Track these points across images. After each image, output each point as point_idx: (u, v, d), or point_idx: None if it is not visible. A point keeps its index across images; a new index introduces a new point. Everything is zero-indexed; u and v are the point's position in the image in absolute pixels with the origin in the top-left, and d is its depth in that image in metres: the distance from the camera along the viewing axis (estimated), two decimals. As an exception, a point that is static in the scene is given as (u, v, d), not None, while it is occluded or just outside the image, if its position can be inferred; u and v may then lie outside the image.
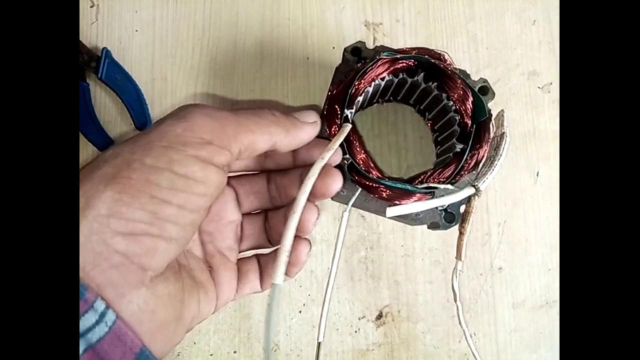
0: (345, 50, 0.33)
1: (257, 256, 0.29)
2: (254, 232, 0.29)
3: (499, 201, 0.39)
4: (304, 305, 0.37)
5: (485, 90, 0.33)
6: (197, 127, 0.21)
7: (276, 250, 0.28)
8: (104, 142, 0.38)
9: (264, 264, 0.29)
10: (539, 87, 0.40)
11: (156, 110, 0.39)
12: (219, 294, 0.26)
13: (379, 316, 0.37)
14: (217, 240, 0.28)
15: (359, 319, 0.37)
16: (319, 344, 0.31)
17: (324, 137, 0.30)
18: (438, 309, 0.37)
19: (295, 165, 0.29)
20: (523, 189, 0.39)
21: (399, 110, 0.39)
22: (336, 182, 0.26)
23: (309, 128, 0.26)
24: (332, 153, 0.27)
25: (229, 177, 0.26)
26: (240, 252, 0.29)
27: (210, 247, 0.27)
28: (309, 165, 0.26)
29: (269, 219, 0.29)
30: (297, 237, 0.27)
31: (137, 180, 0.19)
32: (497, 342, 0.37)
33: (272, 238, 0.29)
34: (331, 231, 0.38)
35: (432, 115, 0.36)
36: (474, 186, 0.29)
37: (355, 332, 0.37)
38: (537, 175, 0.39)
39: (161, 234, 0.20)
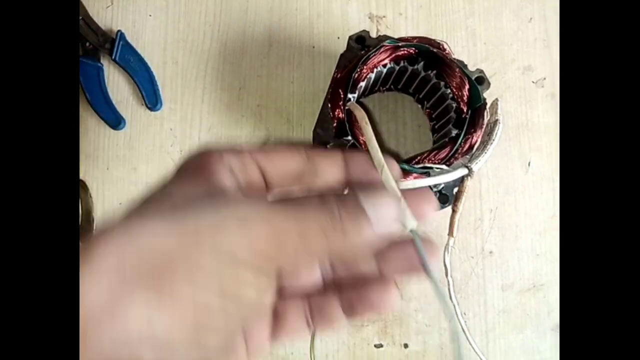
0: (350, 38, 0.35)
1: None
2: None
3: (492, 189, 0.41)
4: (302, 281, 0.39)
5: (481, 80, 0.35)
6: (257, 242, 0.17)
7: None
8: (115, 120, 0.40)
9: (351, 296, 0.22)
10: (533, 82, 0.42)
11: (167, 92, 0.41)
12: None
13: (374, 294, 0.39)
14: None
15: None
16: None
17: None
18: (430, 289, 0.39)
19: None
20: (515, 177, 0.41)
21: (399, 99, 0.41)
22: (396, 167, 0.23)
23: (380, 234, 0.20)
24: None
25: None
26: None
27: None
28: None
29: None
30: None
31: (180, 290, 0.16)
32: (486, 321, 0.39)
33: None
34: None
35: (430, 103, 0.38)
36: (467, 167, 0.30)
37: (351, 308, 0.39)
38: (529, 165, 0.41)
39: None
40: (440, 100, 0.36)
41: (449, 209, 0.33)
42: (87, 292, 0.15)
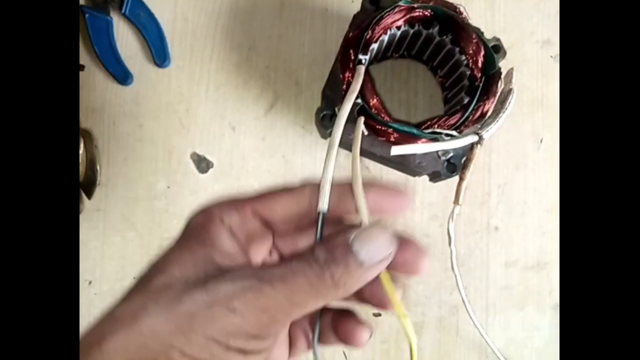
0: (365, -2, 0.34)
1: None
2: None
3: (501, 164, 0.40)
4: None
5: (497, 48, 0.34)
6: (246, 325, 0.19)
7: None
8: (123, 75, 0.39)
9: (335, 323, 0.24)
10: (551, 56, 0.41)
11: (175, 49, 0.40)
12: None
13: (375, 262, 0.39)
14: None
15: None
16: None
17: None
18: (432, 261, 0.39)
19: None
20: (526, 154, 0.40)
21: (412, 68, 0.40)
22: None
23: (374, 271, 0.20)
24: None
25: None
26: None
27: None
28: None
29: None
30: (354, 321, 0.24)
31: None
32: (487, 297, 0.39)
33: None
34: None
35: (443, 72, 0.37)
36: (477, 134, 0.30)
37: (351, 275, 0.38)
38: (541, 141, 0.40)
39: None
40: (454, 67, 0.35)
41: (456, 178, 0.33)
42: None
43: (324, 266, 0.20)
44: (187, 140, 0.39)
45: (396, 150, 0.29)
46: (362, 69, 0.31)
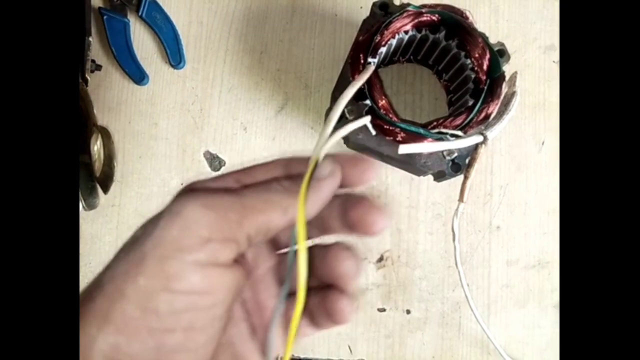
0: (374, 4, 0.35)
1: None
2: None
3: (504, 165, 0.41)
4: (312, 243, 0.40)
5: (502, 52, 0.35)
6: (192, 224, 0.18)
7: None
8: (139, 75, 0.41)
9: (312, 306, 0.22)
10: (554, 62, 0.42)
11: (190, 51, 0.41)
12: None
13: (380, 259, 0.40)
14: (257, 292, 0.23)
15: (361, 260, 0.40)
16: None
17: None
18: (436, 259, 0.40)
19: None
20: (528, 156, 0.41)
21: (418, 71, 0.41)
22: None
23: (326, 184, 0.21)
24: (355, 90, 0.28)
25: None
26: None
27: (252, 304, 0.23)
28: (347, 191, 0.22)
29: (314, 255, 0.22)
30: (333, 289, 0.21)
31: (131, 313, 0.17)
32: (489, 294, 0.40)
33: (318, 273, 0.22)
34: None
35: (448, 75, 0.38)
36: (482, 134, 0.31)
37: (357, 271, 0.39)
38: (543, 144, 0.41)
39: None
40: (459, 71, 0.36)
41: (459, 179, 0.34)
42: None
43: (274, 181, 0.21)
44: (201, 139, 0.41)
45: (403, 149, 0.30)
46: (371, 67, 0.32)
